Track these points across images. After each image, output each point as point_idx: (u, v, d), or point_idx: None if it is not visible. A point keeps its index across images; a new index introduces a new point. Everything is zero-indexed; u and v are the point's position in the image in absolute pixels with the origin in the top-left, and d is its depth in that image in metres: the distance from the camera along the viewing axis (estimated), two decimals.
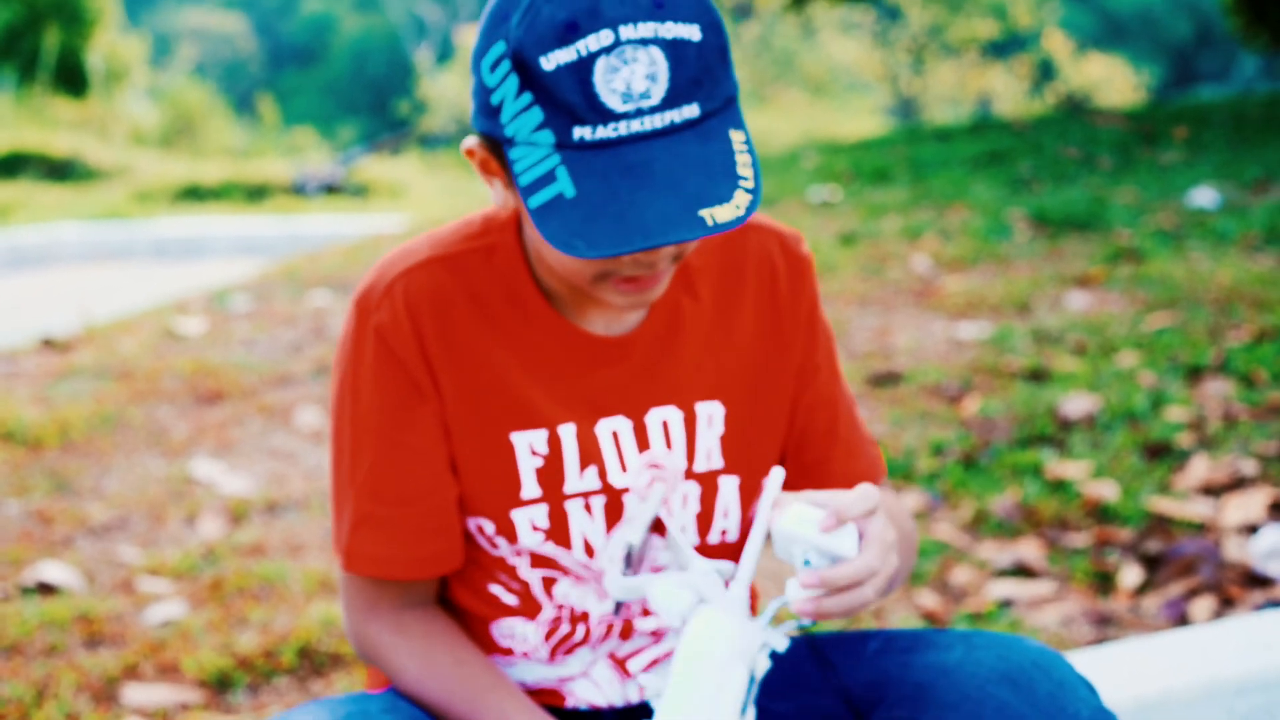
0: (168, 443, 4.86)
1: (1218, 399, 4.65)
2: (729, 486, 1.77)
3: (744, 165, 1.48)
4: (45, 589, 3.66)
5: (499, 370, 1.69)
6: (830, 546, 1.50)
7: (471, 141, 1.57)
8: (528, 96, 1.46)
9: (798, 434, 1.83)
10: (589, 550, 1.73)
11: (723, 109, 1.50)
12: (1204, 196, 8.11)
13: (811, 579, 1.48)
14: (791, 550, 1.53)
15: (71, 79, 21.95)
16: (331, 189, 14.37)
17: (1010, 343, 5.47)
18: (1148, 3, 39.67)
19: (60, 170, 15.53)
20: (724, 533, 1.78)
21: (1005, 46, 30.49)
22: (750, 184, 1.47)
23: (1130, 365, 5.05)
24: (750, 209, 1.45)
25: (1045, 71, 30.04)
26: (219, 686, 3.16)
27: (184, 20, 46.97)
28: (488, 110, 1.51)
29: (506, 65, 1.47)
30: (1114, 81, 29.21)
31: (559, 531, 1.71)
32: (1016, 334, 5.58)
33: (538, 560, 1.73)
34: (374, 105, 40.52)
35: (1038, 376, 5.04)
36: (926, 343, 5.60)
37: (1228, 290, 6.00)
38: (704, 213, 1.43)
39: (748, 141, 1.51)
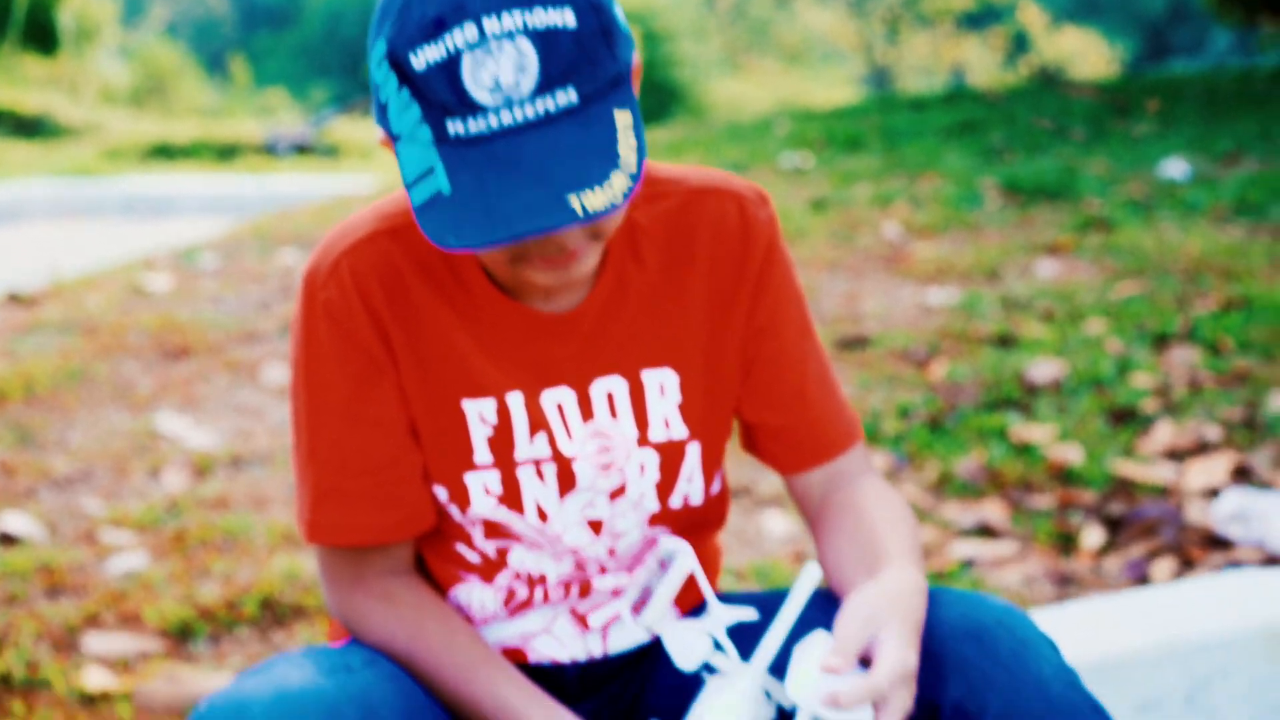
0: (132, 397, 4.85)
1: (1183, 366, 4.67)
2: (693, 453, 1.76)
3: (627, 148, 1.46)
4: (7, 539, 3.64)
5: (448, 338, 1.68)
6: (839, 718, 1.50)
7: (379, 133, 1.58)
8: (405, 94, 1.47)
9: (761, 395, 1.80)
10: (542, 515, 1.72)
11: (607, 91, 1.48)
12: (1175, 168, 8.13)
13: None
14: (798, 699, 1.52)
15: (42, 37, 21.79)
16: (302, 149, 14.33)
17: (979, 309, 5.48)
18: None
19: (30, 127, 15.45)
20: (686, 497, 1.77)
21: (980, 18, 30.51)
22: (632, 168, 1.45)
23: (1097, 332, 5.07)
24: (628, 193, 1.43)
25: (1019, 44, 30.08)
26: (180, 636, 3.15)
27: None
28: (380, 108, 1.52)
29: (385, 64, 1.48)
30: (1087, 54, 29.26)
31: (511, 497, 1.71)
32: (985, 300, 5.59)
33: (491, 529, 1.72)
34: (346, 67, 40.32)
35: (1005, 342, 5.05)
36: (895, 308, 5.61)
37: (1196, 260, 6.02)
38: (574, 199, 1.42)
39: (637, 124, 1.49)
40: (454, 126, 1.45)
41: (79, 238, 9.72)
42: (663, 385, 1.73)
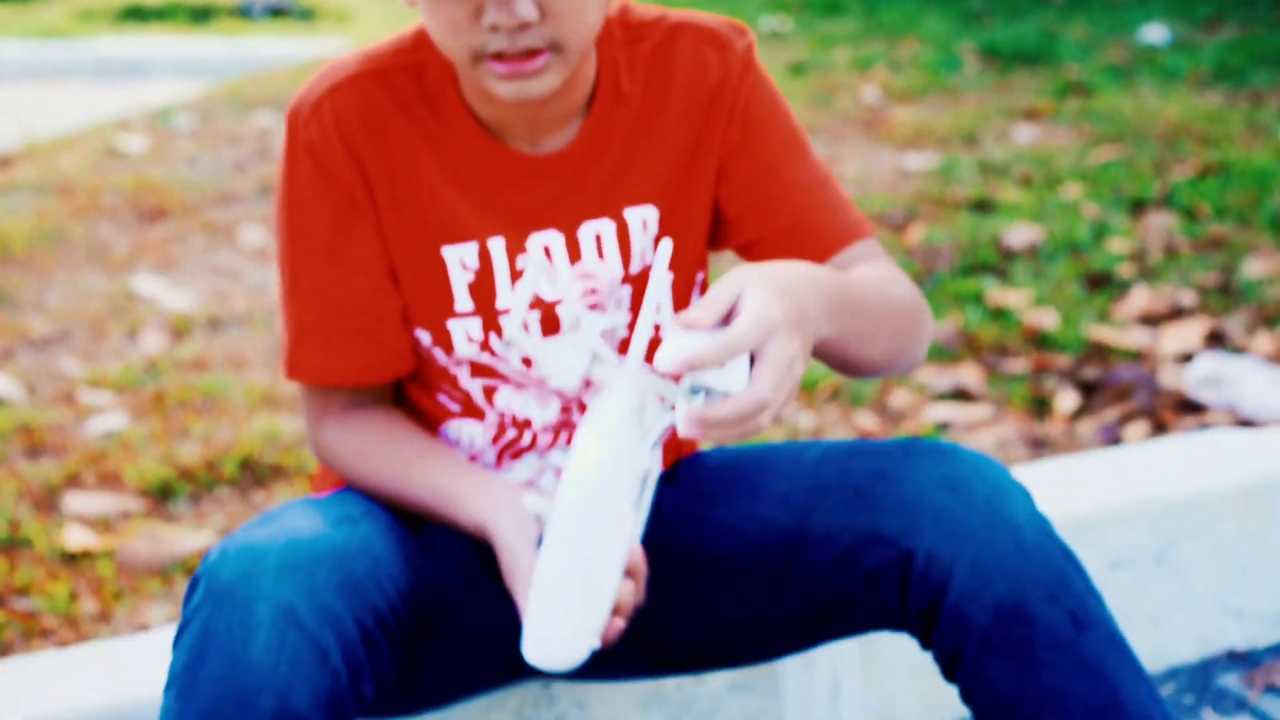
0: (109, 259, 4.83)
1: (1160, 232, 4.68)
2: (663, 281, 1.76)
3: None
4: None
5: (429, 183, 1.69)
6: (713, 383, 1.40)
7: None
8: None
9: (745, 207, 1.77)
10: (525, 361, 1.74)
11: None
12: (1155, 33, 8.09)
13: (693, 415, 1.39)
14: (660, 366, 1.41)
15: None
16: (277, 11, 14.15)
17: (956, 173, 5.47)
18: None
19: None
20: (656, 327, 1.78)
21: None
22: None
23: (1074, 197, 5.07)
24: None
25: None
26: (160, 496, 3.17)
27: None
28: None
29: None
30: None
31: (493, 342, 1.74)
32: (963, 165, 5.58)
33: (477, 369, 1.74)
34: None
35: (982, 207, 5.05)
36: (873, 173, 5.60)
37: (1174, 126, 6.01)
38: None
39: None
40: None
41: (51, 100, 9.60)
42: (645, 221, 1.75)
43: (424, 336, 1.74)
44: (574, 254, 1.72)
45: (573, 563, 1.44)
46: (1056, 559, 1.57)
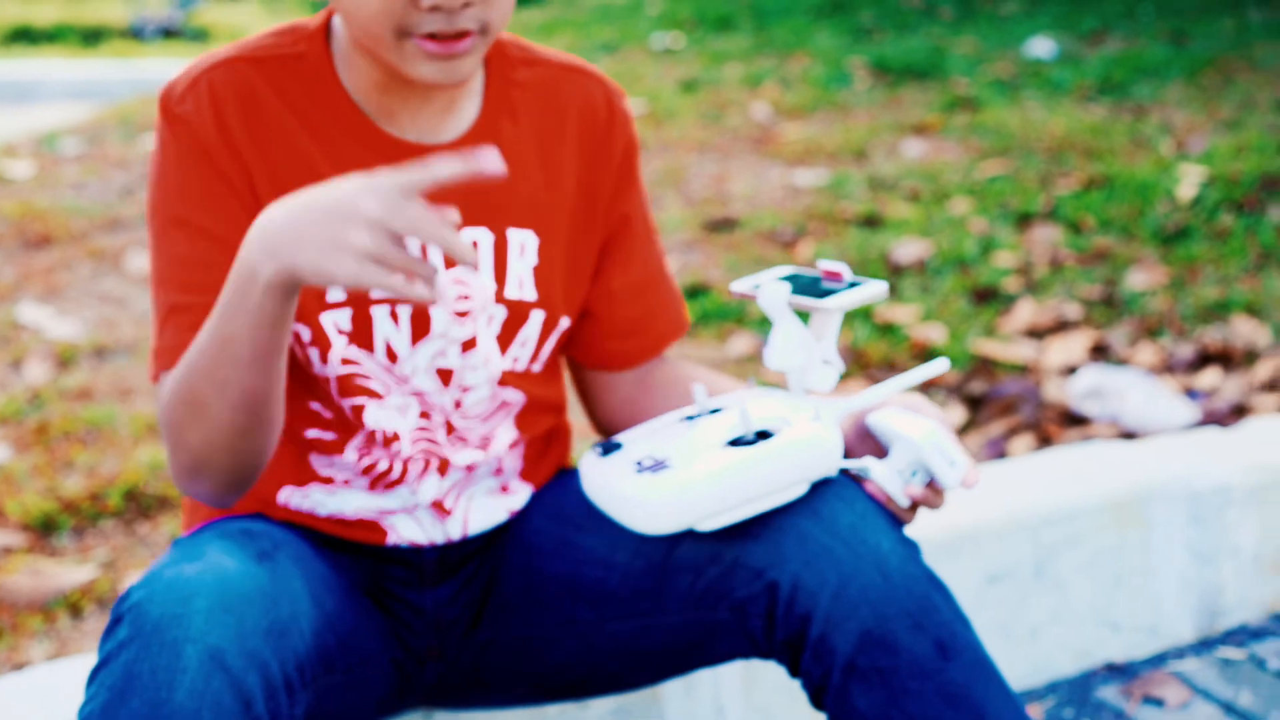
0: None
1: (1045, 245, 4.73)
2: (535, 319, 1.78)
3: None
4: None
5: (308, 168, 1.67)
6: (945, 477, 1.63)
7: None
8: None
9: (603, 285, 1.85)
10: (391, 355, 1.71)
11: None
12: (1041, 47, 8.19)
13: (919, 495, 1.64)
14: (902, 449, 1.64)
15: None
16: (170, 33, 14.06)
17: (846, 189, 5.51)
18: None
19: None
20: (515, 360, 1.79)
21: None
22: None
23: (962, 212, 5.12)
24: None
25: None
26: (44, 530, 3.13)
27: None
28: None
29: None
30: None
31: (362, 334, 1.70)
32: (852, 180, 5.62)
33: (345, 386, 1.72)
34: None
35: (871, 222, 5.09)
36: (764, 189, 5.63)
37: (1060, 139, 6.09)
38: None
39: None
40: None
41: None
42: (524, 245, 1.75)
43: (304, 332, 1.69)
44: (449, 259, 1.69)
45: (746, 475, 1.55)
46: (921, 586, 1.57)
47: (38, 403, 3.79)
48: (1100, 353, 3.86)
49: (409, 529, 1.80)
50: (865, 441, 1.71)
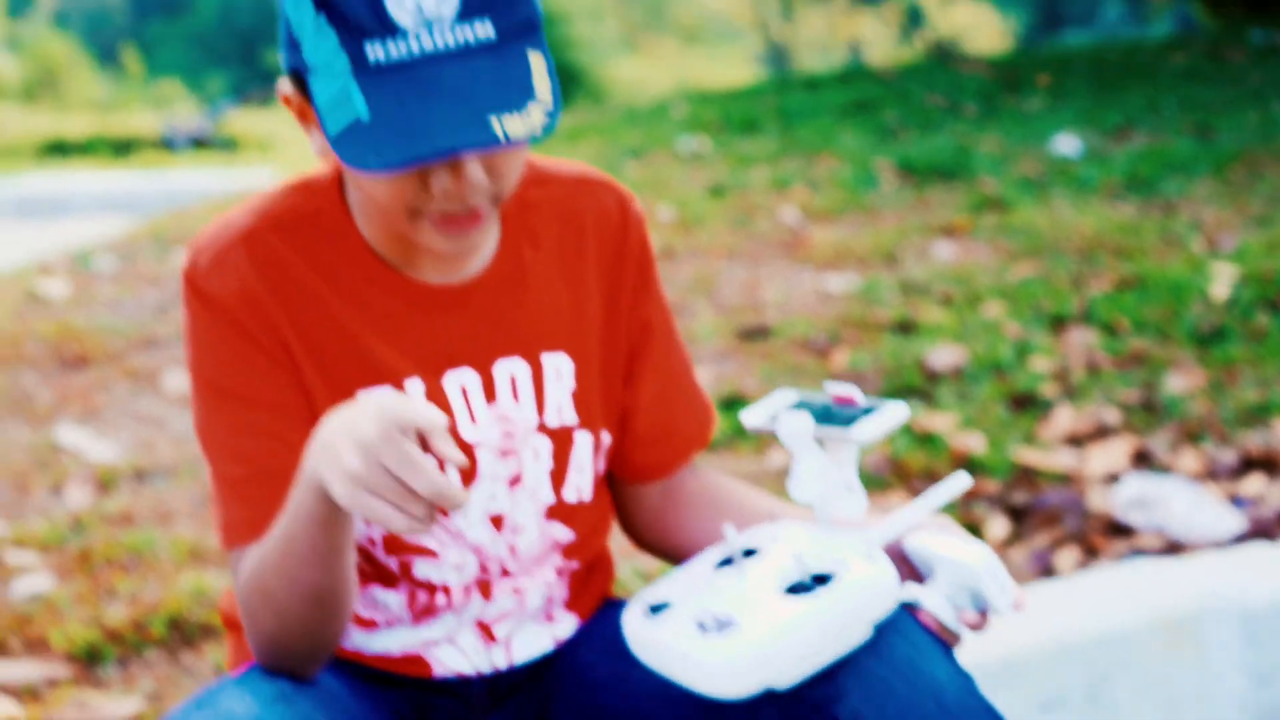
0: (31, 409, 4.79)
1: (1081, 348, 4.73)
2: (583, 442, 1.77)
3: (542, 84, 1.50)
4: None
5: (340, 327, 1.67)
6: (997, 602, 1.62)
7: (284, 86, 1.59)
8: (322, 18, 1.48)
9: (632, 396, 1.84)
10: (443, 510, 1.70)
11: (522, 32, 1.52)
12: (1067, 144, 8.22)
13: (973, 621, 1.63)
14: (948, 573, 1.63)
15: None
16: (200, 143, 14.20)
17: (878, 294, 5.52)
18: None
19: None
20: (579, 489, 1.78)
21: None
22: (549, 105, 1.49)
23: (996, 316, 5.12)
24: (547, 129, 1.47)
25: (914, 18, 30.28)
26: (88, 660, 3.13)
27: None
28: (291, 43, 1.53)
29: None
30: (981, 27, 29.53)
31: None
32: (884, 285, 5.63)
33: (391, 544, 1.71)
34: (242, 56, 39.95)
35: (905, 328, 5.09)
36: (795, 295, 5.64)
37: (1090, 239, 6.09)
38: (494, 121, 1.45)
39: (550, 68, 1.53)
40: (373, 51, 1.47)
41: None
42: (559, 370, 1.75)
43: None
44: (490, 394, 1.72)
45: (818, 628, 1.52)
46: (979, 718, 1.57)
47: (79, 528, 3.80)
48: (1142, 459, 3.84)
49: (454, 659, 1.79)
50: (900, 565, 1.69)
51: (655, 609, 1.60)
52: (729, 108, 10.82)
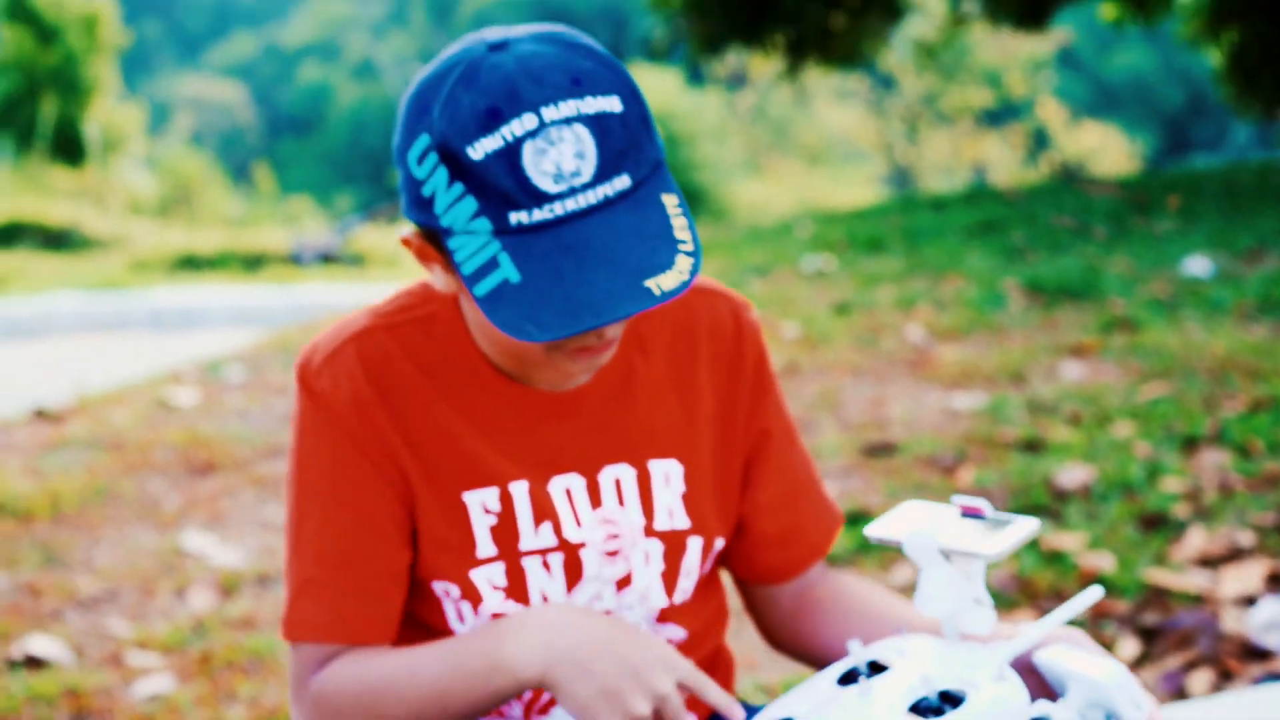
0: (159, 515, 4.84)
1: (1214, 469, 4.64)
2: (694, 546, 1.77)
3: (680, 229, 1.49)
4: (33, 662, 3.63)
5: (447, 430, 1.68)
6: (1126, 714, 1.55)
7: (407, 232, 1.58)
8: (459, 187, 1.47)
9: (751, 499, 1.84)
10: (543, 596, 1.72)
11: (651, 175, 1.52)
12: (1198, 265, 8.12)
13: None
14: (1080, 690, 1.57)
15: (69, 148, 22.05)
16: (328, 258, 14.39)
17: (1005, 413, 5.45)
18: (1140, 71, 39.94)
19: (57, 239, 15.56)
20: (686, 592, 1.78)
21: (999, 115, 30.67)
22: (689, 246, 1.48)
23: (1125, 435, 5.04)
24: (694, 272, 1.47)
25: (1039, 140, 30.20)
26: None
27: (182, 88, 47.29)
28: (420, 203, 1.52)
29: (434, 157, 1.48)
30: (1108, 149, 29.36)
31: (517, 589, 1.70)
32: (1011, 404, 5.57)
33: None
34: (370, 174, 40.68)
35: (1033, 447, 5.02)
36: (921, 413, 5.59)
37: (1222, 360, 5.99)
38: (649, 283, 1.45)
39: (681, 204, 1.52)
40: (517, 216, 1.46)
41: (106, 351, 9.75)
42: (668, 475, 1.75)
43: (453, 590, 1.70)
44: (595, 499, 1.72)
45: None
46: None
47: (201, 631, 3.82)
48: (1277, 582, 3.75)
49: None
50: (1030, 681, 1.65)
51: None
52: (853, 227, 10.82)
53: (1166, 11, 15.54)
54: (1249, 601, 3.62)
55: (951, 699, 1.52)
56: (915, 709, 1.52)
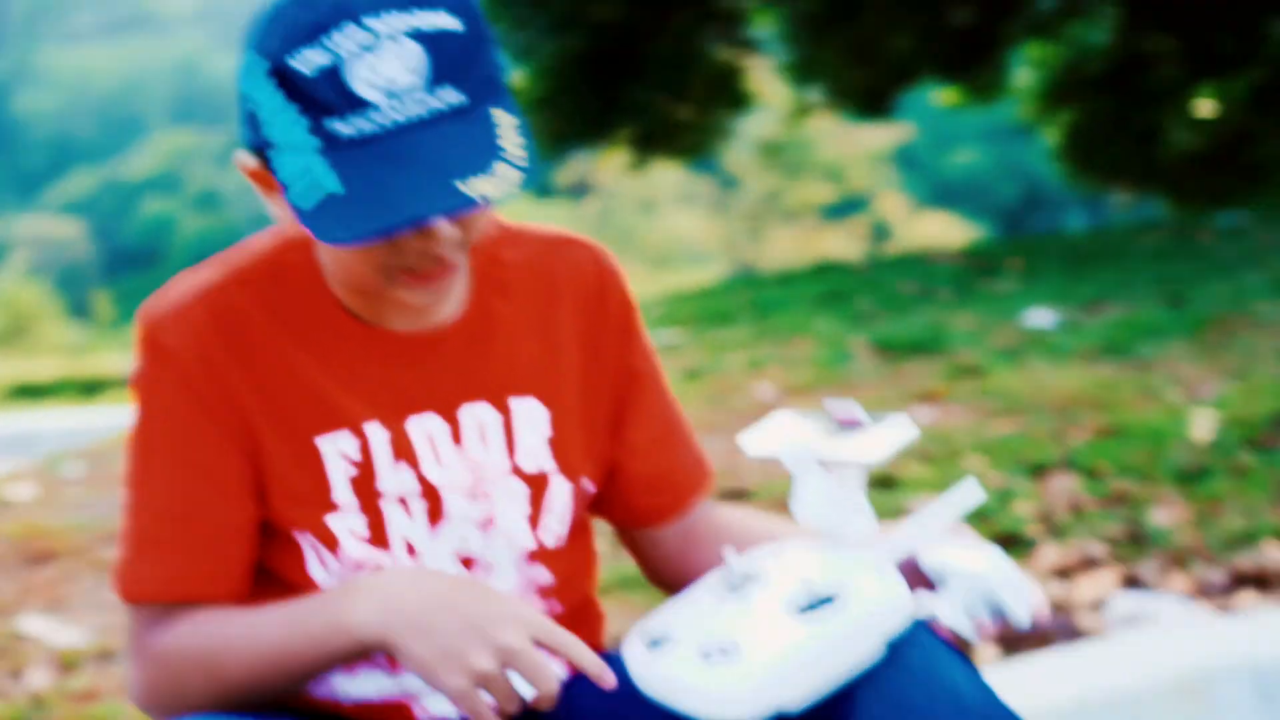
0: None
1: (1064, 492, 4.66)
2: (560, 488, 1.75)
3: (511, 142, 1.49)
4: None
5: (300, 377, 1.65)
6: (1016, 611, 1.56)
7: (243, 158, 1.57)
8: (284, 101, 1.46)
9: (623, 442, 1.83)
10: (411, 550, 1.68)
11: (489, 94, 1.51)
12: (1041, 317, 8.24)
13: (991, 632, 1.57)
14: (962, 585, 1.55)
15: None
16: None
17: None
18: (975, 169, 40.78)
19: None
20: (556, 535, 1.76)
21: (842, 208, 31.18)
22: (518, 159, 1.47)
23: (977, 467, 5.06)
24: (521, 185, 1.46)
25: (880, 231, 30.71)
26: None
27: (19, 228, 46.75)
28: (251, 121, 1.52)
29: (261, 72, 1.47)
30: (948, 237, 29.91)
31: (377, 534, 1.67)
32: None
33: None
34: None
35: (887, 484, 5.01)
36: (773, 463, 5.56)
37: (1068, 397, 6.05)
38: (462, 186, 1.43)
39: (522, 124, 1.52)
40: (340, 127, 1.45)
41: None
42: (531, 416, 1.73)
43: (305, 539, 1.67)
44: (456, 437, 1.70)
45: (827, 648, 1.46)
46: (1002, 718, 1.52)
47: (41, 706, 3.67)
48: (1131, 584, 3.76)
49: (439, 704, 1.73)
50: (912, 576, 1.62)
51: (656, 642, 1.54)
52: (702, 304, 10.88)
53: (1003, 94, 15.93)
54: (1104, 605, 3.62)
55: (831, 600, 1.49)
56: (796, 612, 1.49)
